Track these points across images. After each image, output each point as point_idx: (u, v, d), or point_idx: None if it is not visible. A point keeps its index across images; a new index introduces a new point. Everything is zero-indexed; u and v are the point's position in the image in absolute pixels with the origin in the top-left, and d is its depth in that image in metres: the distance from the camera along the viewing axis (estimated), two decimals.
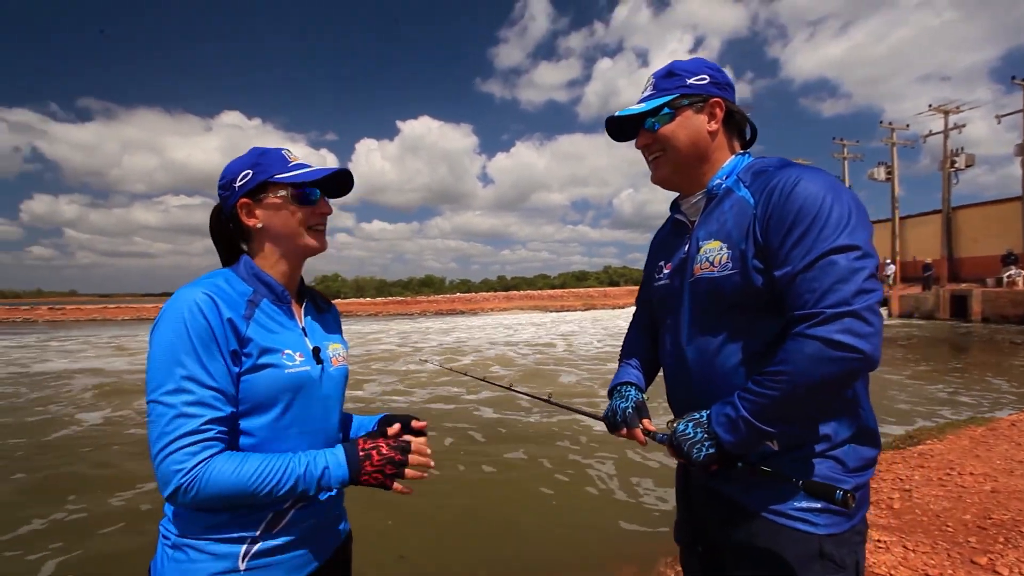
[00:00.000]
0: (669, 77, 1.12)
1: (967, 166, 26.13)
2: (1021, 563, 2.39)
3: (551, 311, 35.69)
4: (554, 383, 8.94)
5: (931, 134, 27.37)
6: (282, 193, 1.02)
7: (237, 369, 0.93)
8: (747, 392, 0.95)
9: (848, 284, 0.87)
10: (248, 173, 1.02)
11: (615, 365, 1.38)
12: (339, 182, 1.10)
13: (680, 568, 1.35)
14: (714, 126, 1.11)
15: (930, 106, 26.46)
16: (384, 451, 0.97)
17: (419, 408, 7.10)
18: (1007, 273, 20.44)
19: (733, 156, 1.13)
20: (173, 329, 0.89)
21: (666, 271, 1.19)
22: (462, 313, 35.45)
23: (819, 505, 0.97)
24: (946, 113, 26.17)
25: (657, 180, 1.17)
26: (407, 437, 1.03)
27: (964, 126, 26.15)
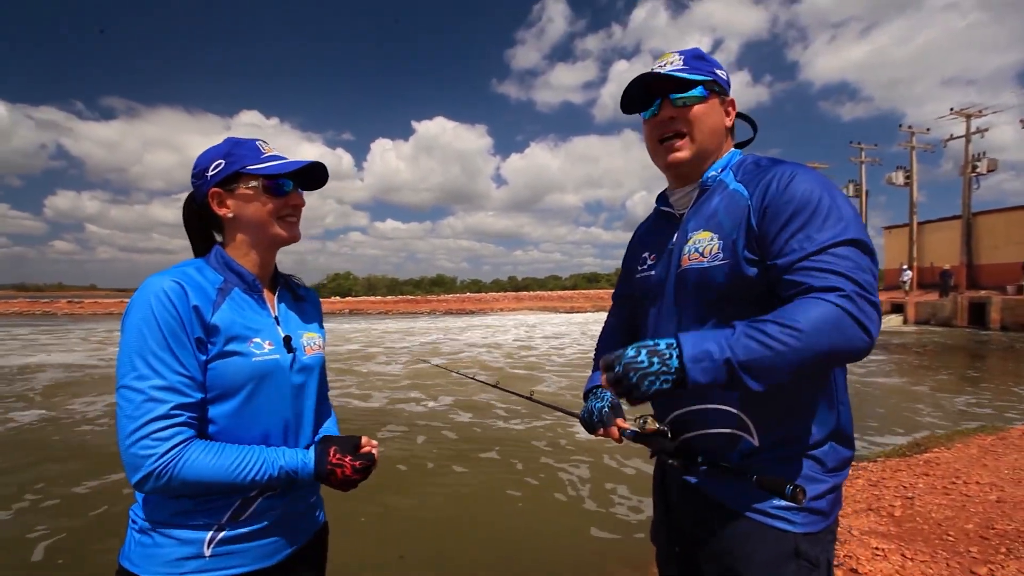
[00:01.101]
0: (700, 60, 1.10)
1: (989, 171, 25.56)
2: (1022, 574, 2.33)
3: (560, 311, 35.60)
4: (530, 387, 8.64)
5: (952, 138, 26.81)
6: (254, 184, 1.03)
7: (204, 357, 0.94)
8: (748, 337, 0.82)
9: (864, 273, 0.88)
10: (220, 163, 1.02)
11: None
12: (314, 175, 1.11)
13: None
14: (729, 122, 1.12)
15: (952, 109, 25.97)
16: (348, 472, 1.01)
17: (394, 411, 7.02)
18: None
19: (728, 152, 1.14)
20: (142, 316, 0.90)
21: (650, 262, 1.17)
22: (471, 312, 35.49)
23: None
24: (968, 117, 25.62)
25: (675, 162, 1.10)
26: (368, 450, 1.07)
27: (987, 130, 25.59)
